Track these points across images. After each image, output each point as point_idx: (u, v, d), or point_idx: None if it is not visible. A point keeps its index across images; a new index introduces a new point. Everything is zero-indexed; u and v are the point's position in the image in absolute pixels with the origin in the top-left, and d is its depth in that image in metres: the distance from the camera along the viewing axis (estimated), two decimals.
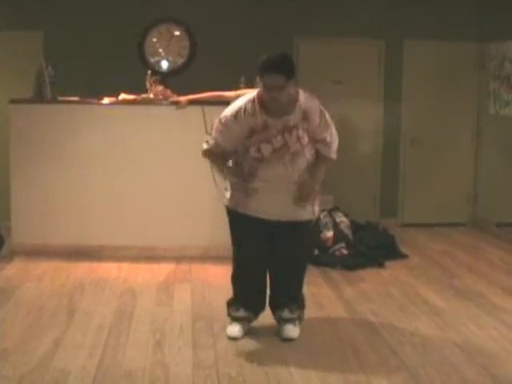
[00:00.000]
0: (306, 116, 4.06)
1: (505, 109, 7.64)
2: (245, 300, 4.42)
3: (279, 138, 4.05)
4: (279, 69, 3.86)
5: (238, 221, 4.29)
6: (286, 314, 4.35)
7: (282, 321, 4.37)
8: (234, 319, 4.41)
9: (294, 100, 4.03)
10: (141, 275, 5.78)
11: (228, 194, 4.24)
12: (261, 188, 4.14)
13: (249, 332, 4.40)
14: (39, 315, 4.66)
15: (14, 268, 5.86)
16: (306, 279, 4.43)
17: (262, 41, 7.01)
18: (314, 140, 4.16)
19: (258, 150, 4.08)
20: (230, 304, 4.47)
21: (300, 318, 4.43)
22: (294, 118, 4.04)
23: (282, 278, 4.41)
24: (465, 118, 8.26)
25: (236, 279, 4.46)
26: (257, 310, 4.47)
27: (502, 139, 7.95)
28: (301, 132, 4.07)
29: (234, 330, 4.35)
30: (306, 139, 4.10)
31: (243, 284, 4.43)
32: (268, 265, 4.41)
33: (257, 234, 4.25)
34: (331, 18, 7.80)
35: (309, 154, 4.19)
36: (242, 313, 4.39)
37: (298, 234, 4.28)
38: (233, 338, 4.30)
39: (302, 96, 4.07)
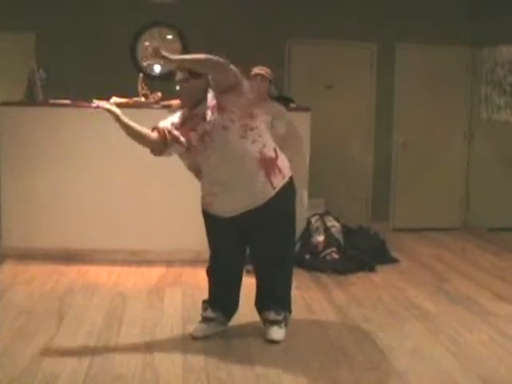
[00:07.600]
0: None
1: (497, 114, 7.66)
2: (213, 299, 4.44)
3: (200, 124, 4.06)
4: None
5: (208, 220, 4.30)
6: (271, 315, 4.33)
7: (267, 322, 4.36)
8: (202, 319, 4.43)
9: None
10: (131, 279, 5.76)
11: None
12: (216, 190, 4.13)
13: (238, 335, 4.39)
14: (29, 319, 4.63)
15: (4, 271, 5.83)
16: (296, 283, 4.42)
17: (254, 44, 7.01)
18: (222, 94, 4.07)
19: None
20: (203, 303, 4.48)
21: (286, 321, 4.39)
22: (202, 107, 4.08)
23: (266, 277, 4.37)
24: (457, 123, 8.28)
25: (208, 277, 4.47)
26: (225, 310, 4.44)
27: (494, 144, 7.98)
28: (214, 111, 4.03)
29: (196, 328, 4.39)
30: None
31: (212, 283, 4.45)
32: (242, 266, 4.43)
33: (227, 234, 4.25)
34: (324, 21, 7.81)
35: (237, 133, 4.02)
36: (209, 313, 4.41)
37: (270, 222, 4.14)
38: (193, 338, 4.32)
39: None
